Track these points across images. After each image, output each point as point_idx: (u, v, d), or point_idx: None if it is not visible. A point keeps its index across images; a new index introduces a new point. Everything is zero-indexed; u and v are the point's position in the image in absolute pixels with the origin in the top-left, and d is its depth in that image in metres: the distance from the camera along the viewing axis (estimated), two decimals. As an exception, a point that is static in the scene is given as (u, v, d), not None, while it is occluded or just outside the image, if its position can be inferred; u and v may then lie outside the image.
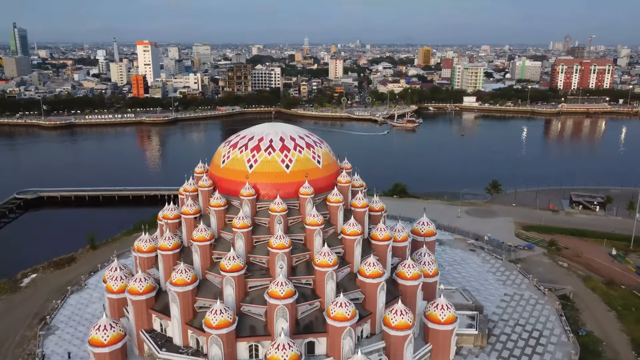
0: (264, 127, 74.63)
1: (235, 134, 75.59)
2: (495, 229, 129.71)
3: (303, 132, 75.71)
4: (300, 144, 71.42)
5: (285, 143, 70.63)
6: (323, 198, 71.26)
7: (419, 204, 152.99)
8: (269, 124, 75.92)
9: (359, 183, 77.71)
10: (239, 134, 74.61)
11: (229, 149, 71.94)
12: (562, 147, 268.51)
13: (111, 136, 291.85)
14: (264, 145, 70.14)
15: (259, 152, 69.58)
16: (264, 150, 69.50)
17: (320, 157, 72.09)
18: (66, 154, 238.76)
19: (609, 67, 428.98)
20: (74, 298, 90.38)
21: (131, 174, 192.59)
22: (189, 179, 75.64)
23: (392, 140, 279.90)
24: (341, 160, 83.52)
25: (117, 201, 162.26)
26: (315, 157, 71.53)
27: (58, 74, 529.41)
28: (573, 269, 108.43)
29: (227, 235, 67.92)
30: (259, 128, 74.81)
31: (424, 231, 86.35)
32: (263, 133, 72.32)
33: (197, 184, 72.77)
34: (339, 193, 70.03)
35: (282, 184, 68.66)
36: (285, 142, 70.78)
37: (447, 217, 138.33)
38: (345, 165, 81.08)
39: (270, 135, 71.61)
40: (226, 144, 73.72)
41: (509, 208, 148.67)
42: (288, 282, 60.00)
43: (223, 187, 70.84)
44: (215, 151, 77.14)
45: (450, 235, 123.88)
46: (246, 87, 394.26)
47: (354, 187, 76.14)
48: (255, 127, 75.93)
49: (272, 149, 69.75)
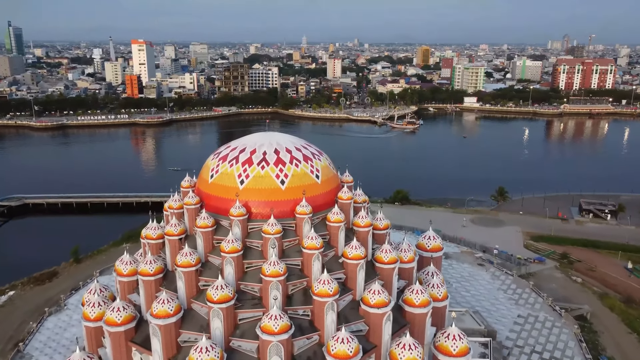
0: (256, 137, 67.58)
1: (225, 144, 68.57)
2: (503, 240, 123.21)
3: (300, 142, 68.73)
4: (297, 157, 64.44)
5: (280, 156, 63.62)
6: (322, 217, 64.32)
7: (422, 212, 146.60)
8: (262, 134, 68.91)
9: (362, 199, 70.71)
10: (229, 145, 67.59)
11: (218, 162, 64.92)
12: (567, 150, 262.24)
13: (103, 138, 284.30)
14: (256, 159, 63.12)
15: (250, 166, 62.57)
16: (257, 164, 62.49)
17: (319, 171, 65.09)
18: (56, 158, 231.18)
19: (611, 67, 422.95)
20: (52, 321, 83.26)
21: (122, 179, 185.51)
22: (174, 194, 68.48)
23: (392, 143, 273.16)
24: (342, 172, 76.54)
25: (106, 208, 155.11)
26: (314, 172, 64.53)
27: (52, 74, 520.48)
28: (588, 285, 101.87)
29: (215, 259, 60.94)
30: (251, 138, 67.78)
31: (431, 246, 79.32)
32: (256, 144, 65.29)
33: (183, 200, 65.56)
34: (339, 212, 63.10)
35: (276, 202, 61.70)
36: (281, 155, 63.78)
37: (452, 227, 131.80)
38: (347, 178, 74.09)
39: (264, 147, 64.60)
40: (215, 156, 66.73)
41: (516, 216, 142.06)
42: (283, 315, 53.04)
43: (211, 205, 63.85)
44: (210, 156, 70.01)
45: (457, 247, 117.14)
46: (243, 87, 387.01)
47: (356, 203, 69.20)
48: (247, 137, 68.92)
49: (265, 163, 62.74)
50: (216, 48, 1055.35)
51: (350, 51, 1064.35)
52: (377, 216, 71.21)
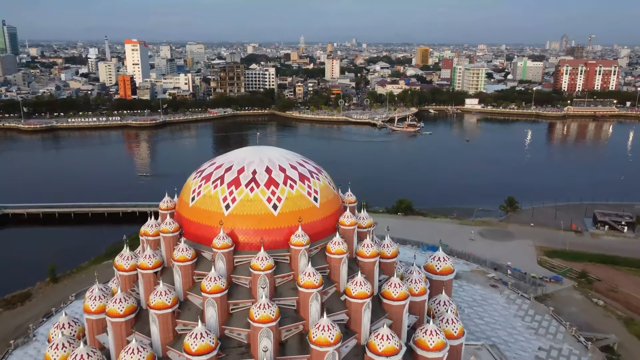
0: (245, 153, 58.64)
1: (210, 161, 59.62)
2: (515, 255, 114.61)
3: (296, 158, 59.77)
4: (292, 177, 55.49)
5: (272, 175, 54.66)
6: (321, 246, 55.43)
7: (427, 223, 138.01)
8: (252, 148, 59.97)
9: (367, 222, 61.80)
10: (214, 161, 58.63)
11: (200, 182, 55.95)
12: (574, 154, 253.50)
13: (94, 141, 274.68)
14: (244, 179, 54.15)
15: (238, 187, 53.61)
16: (245, 186, 53.53)
17: (317, 193, 56.14)
18: (42, 163, 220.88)
19: (614, 68, 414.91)
20: (18, 355, 74.14)
21: (109, 187, 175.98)
22: (151, 218, 59.44)
23: (393, 147, 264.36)
24: (343, 189, 67.58)
25: (90, 219, 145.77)
26: (312, 194, 55.58)
27: (45, 74, 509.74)
28: (610, 308, 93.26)
29: (195, 298, 51.99)
30: (238, 154, 58.84)
31: (441, 268, 70.67)
32: (244, 161, 56.31)
33: (160, 226, 56.46)
34: (341, 241, 54.18)
35: (267, 230, 52.78)
36: (273, 174, 54.80)
37: (459, 240, 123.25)
38: (349, 198, 65.05)
39: (254, 165, 55.62)
40: (197, 175, 57.74)
41: (527, 228, 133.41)
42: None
43: (191, 233, 54.90)
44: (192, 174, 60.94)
45: (466, 265, 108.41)
46: (239, 88, 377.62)
47: (360, 228, 60.30)
48: (235, 152, 60.01)
49: (255, 184, 53.78)
50: (213, 48, 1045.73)
51: (348, 51, 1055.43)
52: (384, 242, 62.27)
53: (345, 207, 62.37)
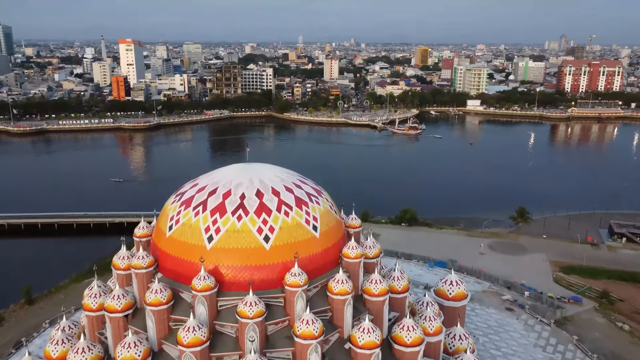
0: (232, 173, 50.34)
1: (191, 181, 51.22)
2: (529, 272, 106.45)
3: (291, 178, 51.49)
4: (288, 201, 47.25)
5: (264, 200, 46.41)
6: (322, 284, 47.18)
7: (433, 234, 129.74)
8: (241, 166, 51.68)
9: (375, 251, 53.46)
10: (196, 182, 50.34)
11: (180, 208, 47.67)
12: (582, 158, 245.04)
13: (85, 144, 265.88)
14: (231, 205, 45.92)
15: (223, 215, 45.39)
16: (231, 213, 45.33)
17: (317, 221, 47.91)
18: (29, 168, 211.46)
19: (618, 68, 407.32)
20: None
21: (99, 194, 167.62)
22: (123, 248, 51.13)
23: (394, 151, 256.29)
24: (346, 210, 59.36)
25: (75, 230, 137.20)
26: (310, 221, 47.37)
27: (37, 74, 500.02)
28: (637, 334, 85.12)
29: (171, 349, 43.68)
30: (225, 173, 50.53)
31: (453, 294, 63.05)
32: (231, 183, 48.02)
33: (132, 260, 48.11)
34: (345, 278, 45.98)
35: (258, 267, 44.56)
36: (265, 199, 46.56)
37: (468, 254, 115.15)
38: (353, 222, 56.72)
39: (242, 187, 47.35)
40: (176, 199, 49.47)
41: (539, 241, 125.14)
42: None
43: (168, 269, 46.67)
44: (171, 197, 52.58)
45: (477, 284, 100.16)
46: (236, 89, 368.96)
47: (367, 259, 52.01)
48: (221, 171, 51.69)
49: (243, 211, 45.55)
50: (211, 48, 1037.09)
51: (347, 51, 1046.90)
52: (393, 273, 53.97)
53: (349, 233, 54.15)
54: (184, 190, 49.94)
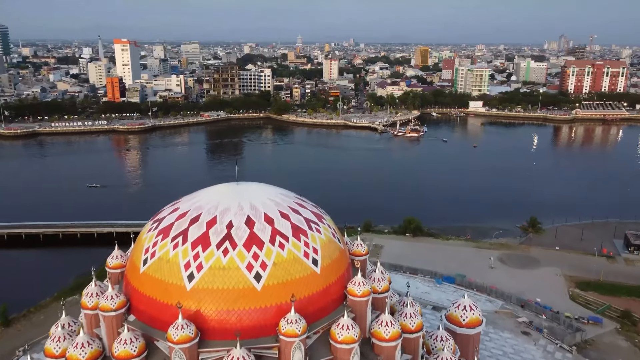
0: (219, 195, 43.24)
1: (171, 204, 44.10)
2: (543, 288, 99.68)
3: (288, 200, 44.41)
4: (283, 230, 40.18)
5: (255, 230, 39.34)
6: (324, 328, 40.08)
7: (439, 246, 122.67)
8: (229, 187, 44.56)
9: (383, 285, 46.36)
10: (177, 206, 43.23)
11: (156, 238, 40.55)
12: (589, 162, 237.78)
13: (78, 148, 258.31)
14: (216, 235, 38.82)
15: (206, 248, 38.30)
16: (216, 246, 38.24)
17: (318, 253, 40.85)
18: (17, 173, 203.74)
19: (622, 69, 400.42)
20: None
21: (88, 202, 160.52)
22: (91, 284, 44.05)
23: (395, 155, 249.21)
24: (348, 232, 52.28)
25: (61, 240, 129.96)
26: (310, 254, 40.30)
27: (31, 74, 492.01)
28: (665, 360, 78.46)
29: (143, 412, 36.49)
30: (211, 196, 43.40)
31: (467, 320, 56.37)
32: (217, 207, 40.94)
33: (99, 301, 40.94)
34: (351, 324, 38.94)
35: (247, 312, 37.48)
36: (256, 228, 39.49)
37: (477, 268, 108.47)
38: (359, 249, 49.62)
39: (229, 213, 40.29)
40: (153, 226, 42.37)
41: (552, 253, 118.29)
42: None
43: (142, 310, 39.56)
44: (147, 223, 45.43)
45: (489, 302, 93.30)
46: (233, 90, 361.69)
47: (375, 294, 44.96)
48: (206, 191, 44.55)
49: (230, 243, 38.47)
50: (210, 47, 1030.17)
51: (346, 51, 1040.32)
52: (405, 310, 46.87)
53: (354, 262, 47.09)
54: (162, 216, 42.80)
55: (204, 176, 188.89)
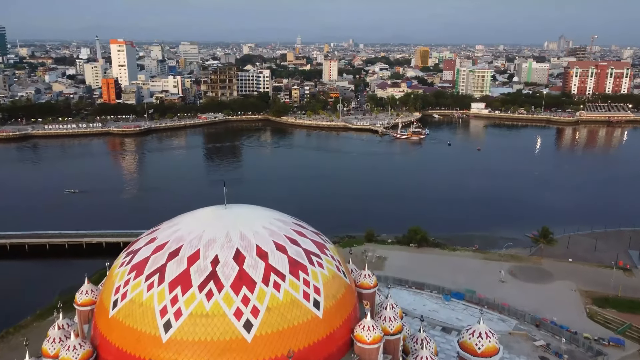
0: (205, 221, 36.88)
1: (148, 232, 37.75)
2: (558, 305, 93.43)
3: (284, 226, 38.03)
4: (279, 267, 33.87)
5: (245, 267, 33.02)
6: (326, 383, 33.78)
7: (445, 257, 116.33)
8: (216, 212, 38.18)
9: (395, 325, 39.99)
10: (154, 235, 36.87)
11: (129, 275, 34.20)
12: (596, 166, 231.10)
13: (71, 151, 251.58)
14: (198, 274, 32.47)
15: (186, 290, 32.00)
16: (198, 287, 31.95)
17: (320, 292, 34.55)
18: (4, 178, 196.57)
19: (627, 70, 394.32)
20: None
21: (77, 210, 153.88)
22: (53, 328, 37.76)
23: (397, 158, 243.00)
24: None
25: (48, 252, 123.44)
26: (311, 295, 34.00)
27: (25, 75, 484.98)
28: (695, 389, 72.33)
29: None
30: (195, 222, 37.02)
31: (483, 348, 50.20)
32: (201, 238, 34.57)
33: (61, 351, 34.57)
34: (360, 380, 32.54)
35: (235, 368, 31.03)
36: (247, 264, 33.15)
37: (487, 282, 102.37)
38: (366, 280, 43.27)
39: (216, 246, 33.94)
40: (126, 260, 35.98)
41: (565, 265, 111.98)
42: None
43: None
44: (121, 255, 39.05)
45: (502, 322, 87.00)
46: (231, 91, 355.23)
47: (387, 336, 38.61)
48: (190, 217, 38.14)
49: (215, 284, 32.17)
50: (209, 48, 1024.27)
51: (345, 52, 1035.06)
52: (418, 354, 40.62)
53: (361, 295, 40.79)
54: (137, 247, 36.40)
55: (200, 182, 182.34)
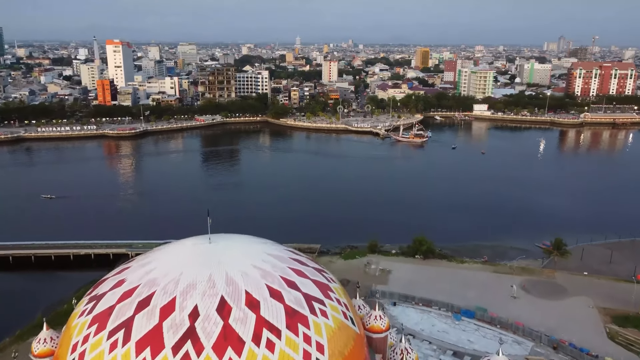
0: (183, 258, 30.44)
1: (117, 270, 31.34)
2: (575, 324, 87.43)
3: (280, 264, 31.61)
4: (273, 320, 27.47)
5: (231, 321, 26.63)
6: None
7: (453, 270, 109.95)
8: (198, 244, 31.75)
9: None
10: (123, 276, 30.44)
11: (89, 328, 27.80)
12: (604, 170, 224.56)
13: (65, 154, 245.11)
14: (172, 331, 26.09)
15: (158, 351, 25.64)
16: (172, 349, 25.53)
17: (323, 350, 28.17)
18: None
19: (631, 71, 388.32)
20: None
21: (66, 219, 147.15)
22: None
23: (399, 162, 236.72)
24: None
25: (33, 264, 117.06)
26: (312, 354, 27.58)
27: (21, 76, 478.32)
28: None
29: None
30: (171, 260, 30.59)
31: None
32: (178, 282, 28.18)
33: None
34: None
35: None
36: (233, 318, 26.77)
37: (498, 298, 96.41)
38: (377, 323, 36.80)
39: (195, 292, 27.57)
40: (87, 307, 29.55)
41: (580, 279, 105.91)
42: None
43: None
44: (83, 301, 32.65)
45: (517, 345, 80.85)
46: (229, 93, 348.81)
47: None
48: (165, 253, 31.72)
49: (194, 343, 25.77)
50: (208, 48, 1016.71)
51: (345, 52, 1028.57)
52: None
53: (371, 341, 34.45)
54: (101, 291, 30.01)
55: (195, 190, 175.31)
